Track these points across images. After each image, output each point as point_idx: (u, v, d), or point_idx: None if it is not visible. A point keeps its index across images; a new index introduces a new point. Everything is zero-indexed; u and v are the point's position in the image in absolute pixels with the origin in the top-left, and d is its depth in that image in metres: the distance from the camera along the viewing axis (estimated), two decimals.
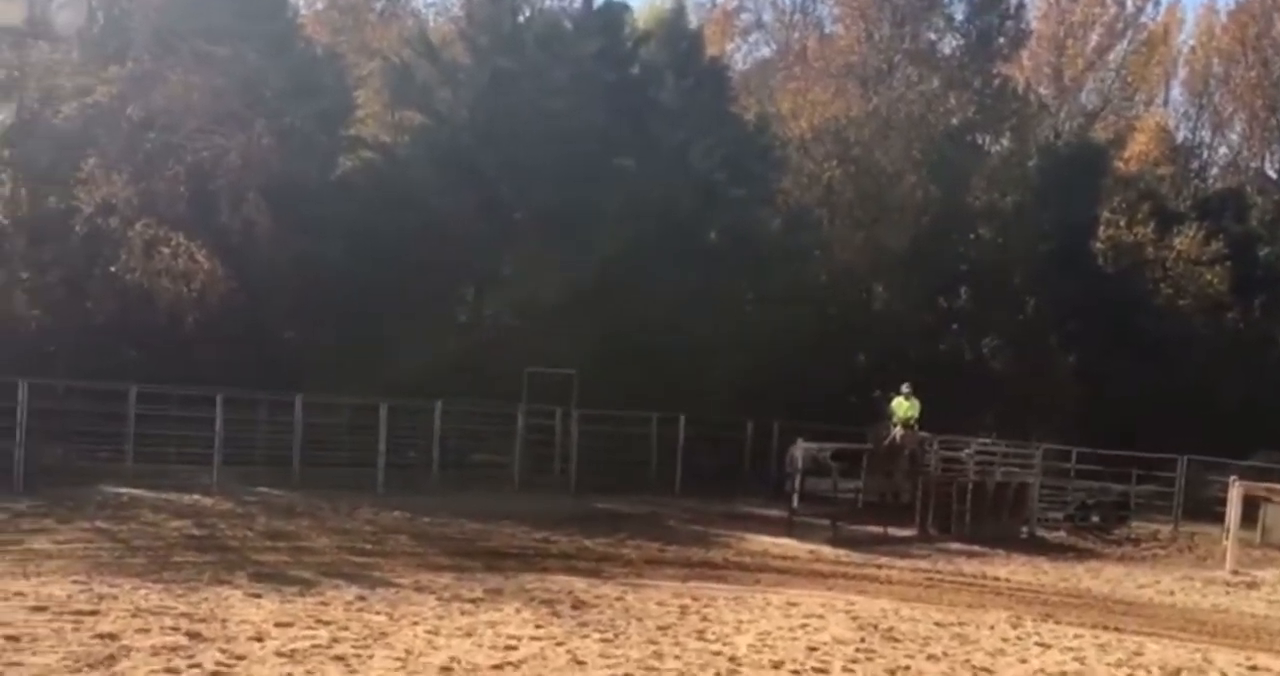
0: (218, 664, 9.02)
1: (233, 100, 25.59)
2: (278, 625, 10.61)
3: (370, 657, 9.64)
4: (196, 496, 19.13)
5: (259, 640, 9.95)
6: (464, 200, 27.19)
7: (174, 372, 22.37)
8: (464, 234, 26.96)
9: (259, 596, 12.03)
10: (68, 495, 17.87)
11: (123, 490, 19.03)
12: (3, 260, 24.80)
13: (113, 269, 24.78)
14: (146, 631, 9.94)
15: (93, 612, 10.57)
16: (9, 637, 9.30)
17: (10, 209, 24.64)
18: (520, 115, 28.21)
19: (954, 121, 34.77)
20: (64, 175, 25.07)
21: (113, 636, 9.64)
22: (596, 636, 11.22)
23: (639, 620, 12.26)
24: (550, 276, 26.80)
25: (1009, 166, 34.90)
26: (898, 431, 23.63)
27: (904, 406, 23.74)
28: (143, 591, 11.79)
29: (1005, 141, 36.90)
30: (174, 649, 9.39)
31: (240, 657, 9.26)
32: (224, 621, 10.61)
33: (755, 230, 30.82)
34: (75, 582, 12.02)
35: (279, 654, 9.49)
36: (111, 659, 8.89)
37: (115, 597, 11.36)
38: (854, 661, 10.89)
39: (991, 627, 13.43)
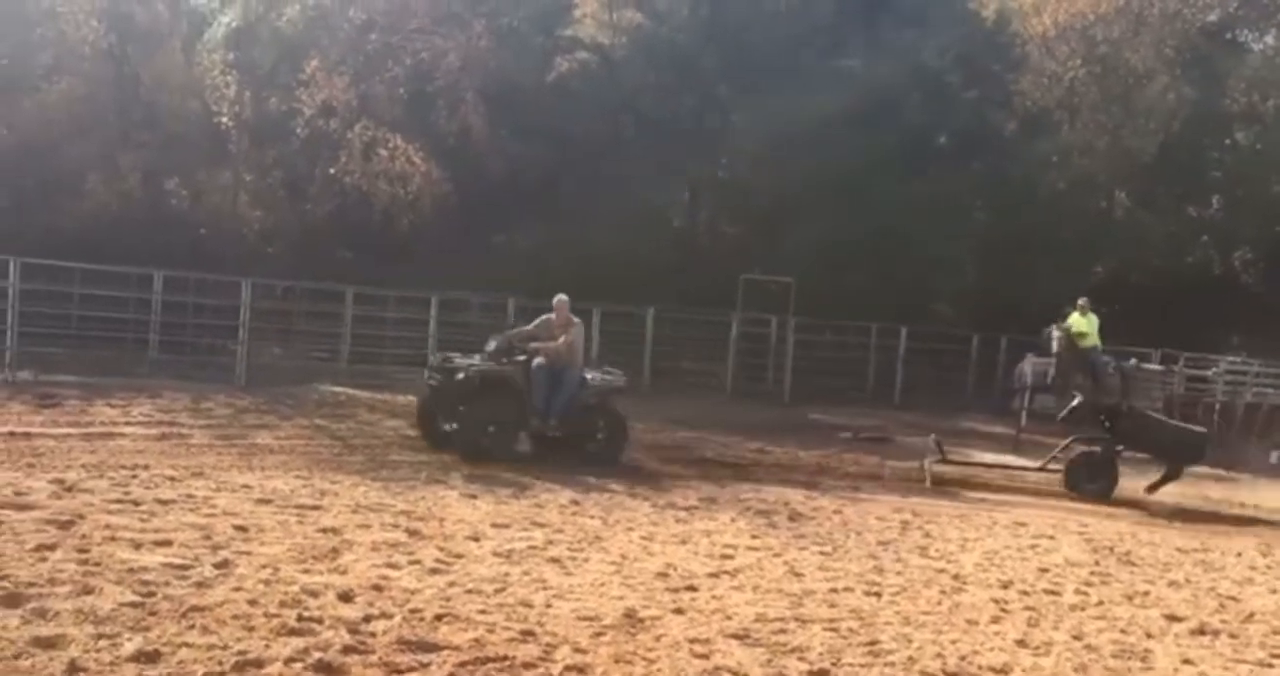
0: (437, 561, 9.20)
1: (453, 0, 25.98)
2: (494, 526, 10.79)
3: (586, 561, 9.73)
4: (410, 396, 19.62)
5: (476, 540, 10.14)
6: (681, 102, 27.05)
7: (388, 274, 23.01)
8: (680, 137, 26.83)
9: (474, 497, 12.26)
10: (286, 393, 18.58)
11: (339, 389, 19.67)
12: (227, 161, 25.80)
13: (332, 171, 25.66)
14: (367, 527, 10.23)
15: (315, 507, 10.92)
16: (238, 527, 9.68)
17: (234, 111, 25.54)
18: (742, 14, 27.81)
19: (1212, 17, 32.67)
20: (285, 78, 25.97)
21: (335, 530, 9.94)
22: (814, 549, 11.11)
23: (858, 534, 12.10)
24: (768, 180, 26.53)
25: (1273, 66, 32.66)
26: (1058, 340, 21.70)
27: (1080, 322, 22.06)
28: (362, 488, 12.15)
29: (1270, 39, 34.51)
30: (394, 545, 9.63)
31: (458, 556, 9.44)
32: (441, 520, 10.84)
33: (989, 134, 29.81)
34: (298, 477, 12.47)
35: (496, 554, 9.64)
36: (335, 552, 9.16)
37: (336, 493, 11.72)
38: (1088, 584, 10.51)
39: (1238, 555, 12.81)
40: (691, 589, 9.09)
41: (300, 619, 7.27)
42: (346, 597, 7.87)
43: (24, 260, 19.07)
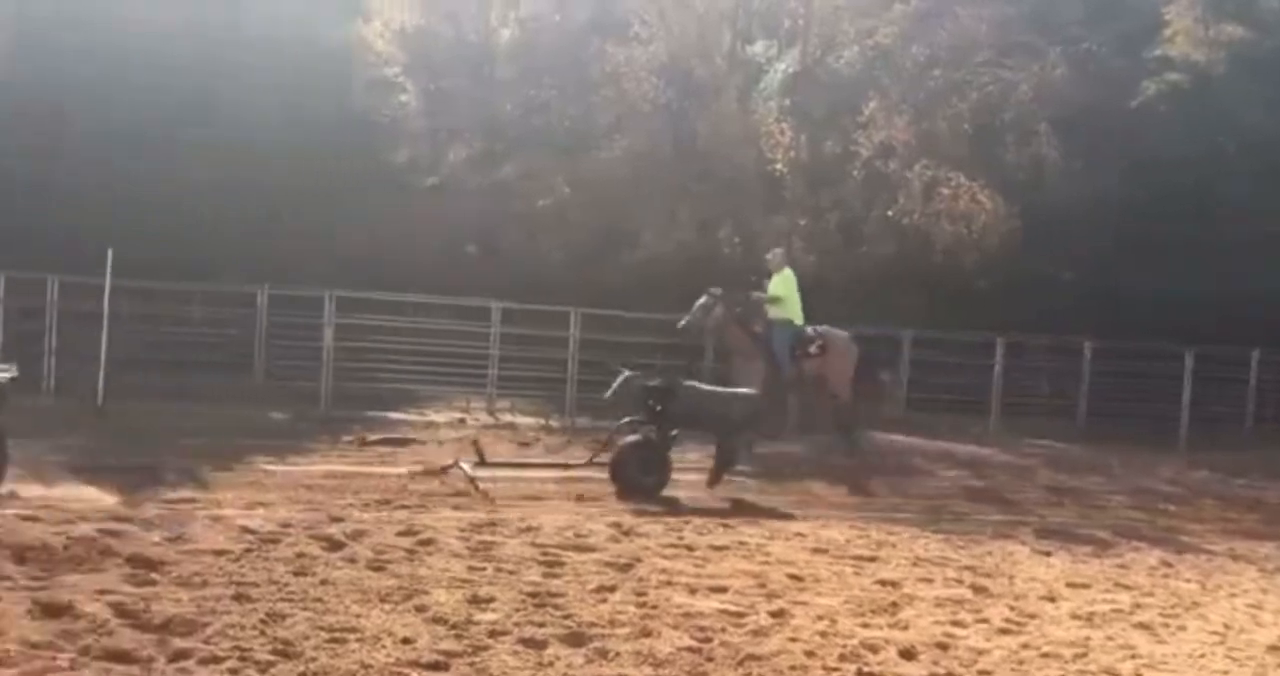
0: (1006, 620, 8.71)
1: (1022, 29, 25.58)
2: (1070, 586, 10.14)
3: (1181, 629, 8.88)
4: (971, 446, 19.15)
5: (1051, 600, 9.55)
6: None
7: (949, 316, 22.63)
8: None
9: (1048, 554, 11.65)
10: (838, 440, 18.45)
11: (895, 437, 19.47)
12: (781, 207, 26.44)
13: (889, 212, 25.72)
14: (929, 581, 9.89)
15: (872, 558, 10.71)
16: (793, 576, 9.63)
17: (789, 156, 26.19)
18: None
19: None
20: (842, 120, 26.35)
21: (894, 584, 9.67)
22: None
23: None
24: None
25: None
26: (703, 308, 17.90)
27: (777, 285, 18.17)
28: (922, 540, 11.83)
29: None
30: (959, 601, 9.23)
31: (1031, 616, 8.90)
32: (1010, 578, 10.32)
33: None
34: (852, 527, 12.31)
35: (1074, 616, 9.02)
36: (895, 606, 8.90)
37: (893, 545, 11.46)
38: None
39: None
40: None
41: (860, 673, 7.09)
42: (909, 654, 7.59)
43: (582, 311, 20.42)
